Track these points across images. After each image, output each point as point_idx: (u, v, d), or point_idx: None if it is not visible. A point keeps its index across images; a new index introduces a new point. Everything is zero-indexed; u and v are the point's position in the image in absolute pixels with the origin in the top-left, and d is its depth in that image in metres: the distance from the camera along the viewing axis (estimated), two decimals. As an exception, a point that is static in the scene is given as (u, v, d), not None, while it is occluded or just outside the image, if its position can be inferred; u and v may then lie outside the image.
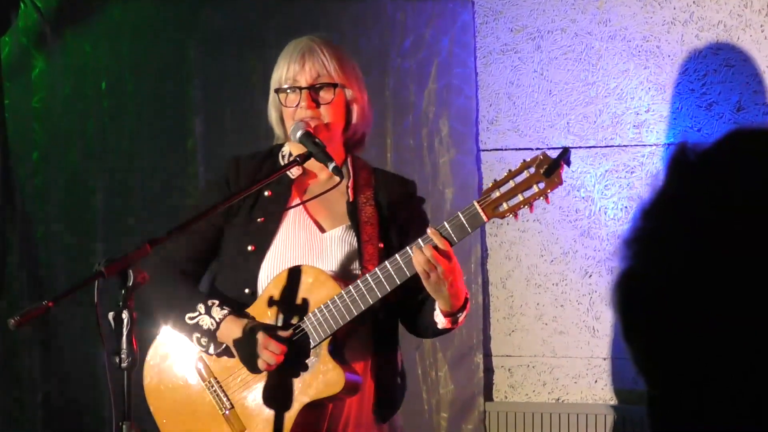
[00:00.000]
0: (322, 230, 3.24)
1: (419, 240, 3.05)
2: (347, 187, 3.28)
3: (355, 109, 3.28)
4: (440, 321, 3.15)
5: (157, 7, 5.05)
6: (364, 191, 3.29)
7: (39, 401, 5.03)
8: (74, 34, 5.02)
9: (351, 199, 3.27)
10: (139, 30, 5.03)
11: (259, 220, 3.22)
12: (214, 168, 4.56)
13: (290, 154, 3.29)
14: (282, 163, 3.28)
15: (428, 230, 3.05)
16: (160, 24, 5.03)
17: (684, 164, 1.14)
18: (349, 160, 3.32)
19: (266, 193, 3.24)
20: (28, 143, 5.06)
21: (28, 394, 5.04)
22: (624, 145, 4.77)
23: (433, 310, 3.15)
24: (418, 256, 3.02)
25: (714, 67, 4.66)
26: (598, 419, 4.73)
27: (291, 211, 3.23)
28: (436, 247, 3.02)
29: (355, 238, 3.22)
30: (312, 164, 3.22)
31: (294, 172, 3.27)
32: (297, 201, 3.25)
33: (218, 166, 3.53)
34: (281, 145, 3.35)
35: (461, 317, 3.15)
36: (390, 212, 3.30)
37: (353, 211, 3.26)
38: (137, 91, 5.02)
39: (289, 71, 3.22)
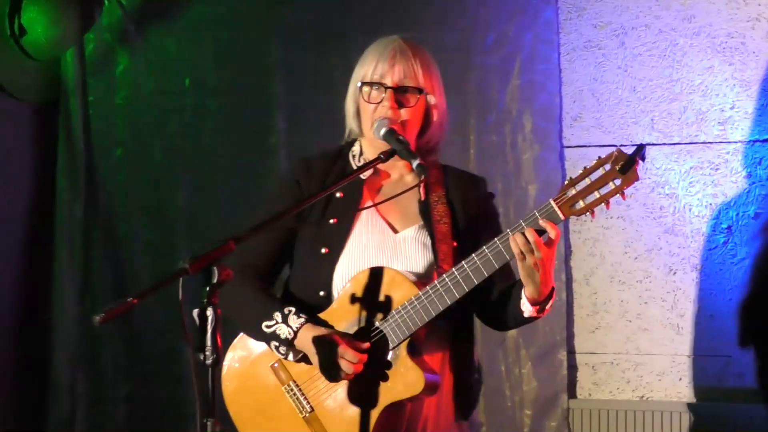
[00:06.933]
0: (395, 231, 3.22)
1: (521, 222, 3.01)
2: (418, 186, 3.25)
3: (434, 115, 3.26)
4: (527, 309, 3.11)
5: (240, 3, 5.05)
6: (435, 189, 3.26)
7: (122, 397, 5.04)
8: (158, 31, 5.02)
9: (423, 198, 3.25)
10: (221, 26, 5.02)
11: (331, 221, 3.20)
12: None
13: (360, 152, 3.29)
14: (352, 162, 3.28)
15: (536, 212, 3.00)
16: (243, 20, 5.03)
17: None
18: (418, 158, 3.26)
19: (338, 195, 3.22)
20: (112, 140, 5.06)
21: (111, 390, 5.05)
22: (708, 142, 4.74)
23: (519, 299, 3.12)
24: (518, 238, 2.98)
25: (800, 63, 4.64)
26: (683, 417, 4.71)
27: (363, 213, 3.21)
28: (538, 232, 2.99)
29: (429, 238, 3.20)
30: (385, 164, 3.19)
31: (365, 173, 3.25)
32: (369, 202, 3.22)
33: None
34: (351, 144, 3.33)
35: (548, 306, 3.12)
36: (463, 210, 3.27)
37: (425, 210, 3.23)
38: (220, 88, 5.02)
39: (378, 68, 3.21)
